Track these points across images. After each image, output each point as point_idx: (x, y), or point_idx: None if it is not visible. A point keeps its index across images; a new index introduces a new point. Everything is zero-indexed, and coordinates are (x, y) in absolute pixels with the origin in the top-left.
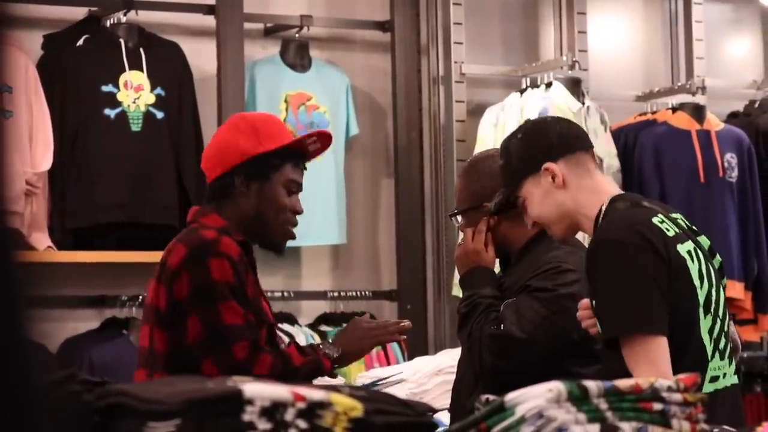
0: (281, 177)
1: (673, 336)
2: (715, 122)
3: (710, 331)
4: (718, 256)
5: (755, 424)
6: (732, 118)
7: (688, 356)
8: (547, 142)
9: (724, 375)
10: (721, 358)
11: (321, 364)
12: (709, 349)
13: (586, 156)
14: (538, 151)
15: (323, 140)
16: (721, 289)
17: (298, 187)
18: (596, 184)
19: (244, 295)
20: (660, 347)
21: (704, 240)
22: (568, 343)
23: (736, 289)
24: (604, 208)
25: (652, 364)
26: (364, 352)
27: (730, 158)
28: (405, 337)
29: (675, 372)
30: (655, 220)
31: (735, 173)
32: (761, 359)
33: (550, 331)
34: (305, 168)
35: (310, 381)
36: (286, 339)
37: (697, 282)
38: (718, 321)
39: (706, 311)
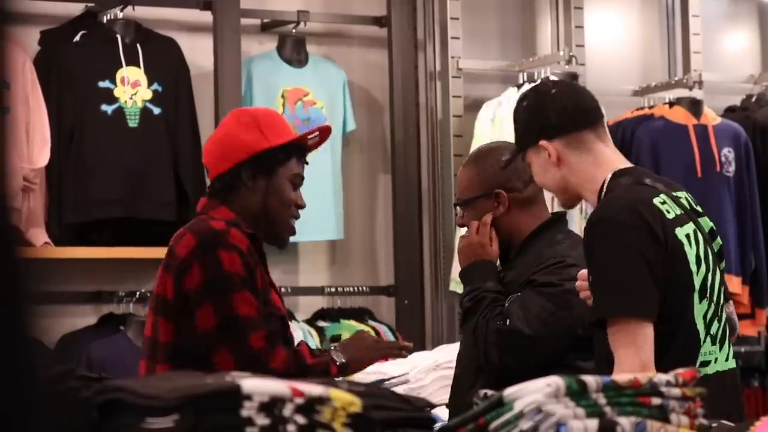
0: (287, 172)
1: (664, 320)
2: (712, 117)
3: (704, 316)
4: (719, 239)
5: (754, 418)
6: (729, 112)
7: (678, 341)
8: (544, 120)
9: (716, 360)
10: (713, 343)
11: (329, 367)
12: (702, 334)
13: (589, 132)
14: (535, 127)
15: (322, 133)
16: (718, 272)
17: (302, 180)
18: (599, 159)
19: (254, 287)
20: (645, 333)
21: (706, 222)
22: (573, 338)
23: (733, 284)
24: (607, 182)
25: (634, 349)
26: (368, 363)
27: (727, 153)
28: (407, 354)
29: (665, 356)
30: (656, 200)
31: (732, 168)
32: (759, 354)
33: (557, 326)
34: (307, 162)
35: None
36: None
37: (693, 267)
38: (713, 306)
39: (702, 296)
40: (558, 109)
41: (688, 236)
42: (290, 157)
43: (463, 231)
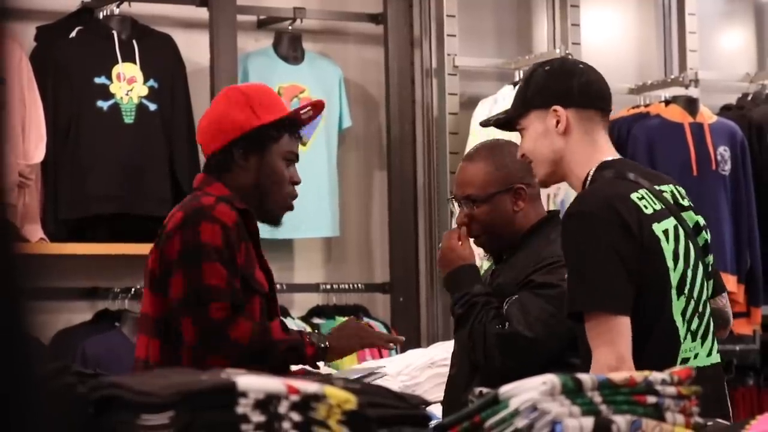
0: (279, 149)
1: (640, 316)
2: (708, 115)
3: (683, 313)
4: (705, 233)
5: (749, 417)
6: (725, 110)
7: (656, 337)
8: (567, 86)
9: (696, 356)
10: (693, 339)
11: (302, 348)
12: (682, 331)
13: (599, 117)
14: (554, 91)
15: (316, 108)
16: (701, 267)
17: (296, 157)
18: (597, 145)
19: (231, 261)
20: (620, 327)
21: (690, 216)
22: (571, 337)
23: (728, 282)
24: (591, 173)
25: (610, 344)
26: (350, 351)
27: (723, 151)
28: (393, 347)
29: (643, 353)
30: (634, 195)
31: (728, 166)
32: (753, 352)
33: (557, 328)
34: (301, 138)
35: (289, 361)
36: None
37: (670, 263)
38: (693, 302)
39: (680, 292)
40: (583, 82)
41: (666, 232)
42: (282, 134)
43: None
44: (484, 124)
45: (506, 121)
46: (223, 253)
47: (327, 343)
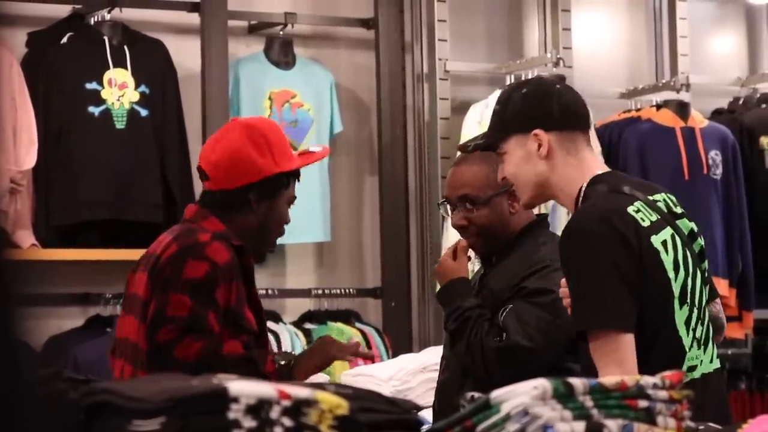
0: (288, 194)
1: (644, 329)
2: (699, 119)
3: (687, 322)
4: (699, 239)
5: (741, 420)
6: (716, 115)
7: (660, 348)
8: (547, 109)
9: (701, 362)
10: (698, 347)
11: (258, 363)
12: (687, 340)
13: (580, 135)
14: (534, 115)
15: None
16: (699, 273)
17: (295, 200)
18: (581, 162)
19: (207, 294)
20: (625, 344)
21: (685, 223)
22: (569, 342)
23: (720, 286)
24: (584, 189)
25: (617, 362)
26: (316, 367)
27: (715, 155)
28: (352, 359)
29: (647, 365)
30: (630, 209)
31: (719, 170)
32: (745, 356)
33: (556, 335)
34: (299, 180)
35: (243, 377)
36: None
37: (671, 274)
38: (695, 310)
39: (682, 302)
40: (562, 104)
41: (664, 243)
42: (291, 180)
43: (453, 232)
44: (463, 149)
45: (486, 147)
46: (199, 288)
47: (292, 360)
